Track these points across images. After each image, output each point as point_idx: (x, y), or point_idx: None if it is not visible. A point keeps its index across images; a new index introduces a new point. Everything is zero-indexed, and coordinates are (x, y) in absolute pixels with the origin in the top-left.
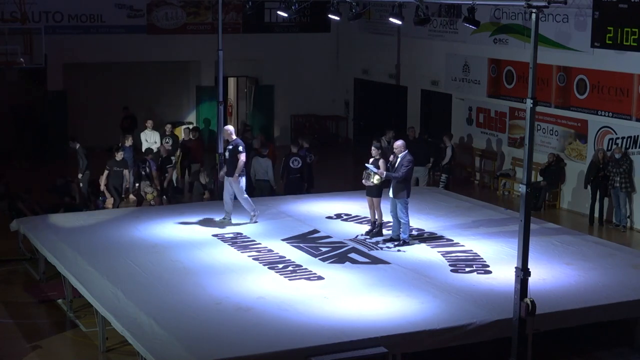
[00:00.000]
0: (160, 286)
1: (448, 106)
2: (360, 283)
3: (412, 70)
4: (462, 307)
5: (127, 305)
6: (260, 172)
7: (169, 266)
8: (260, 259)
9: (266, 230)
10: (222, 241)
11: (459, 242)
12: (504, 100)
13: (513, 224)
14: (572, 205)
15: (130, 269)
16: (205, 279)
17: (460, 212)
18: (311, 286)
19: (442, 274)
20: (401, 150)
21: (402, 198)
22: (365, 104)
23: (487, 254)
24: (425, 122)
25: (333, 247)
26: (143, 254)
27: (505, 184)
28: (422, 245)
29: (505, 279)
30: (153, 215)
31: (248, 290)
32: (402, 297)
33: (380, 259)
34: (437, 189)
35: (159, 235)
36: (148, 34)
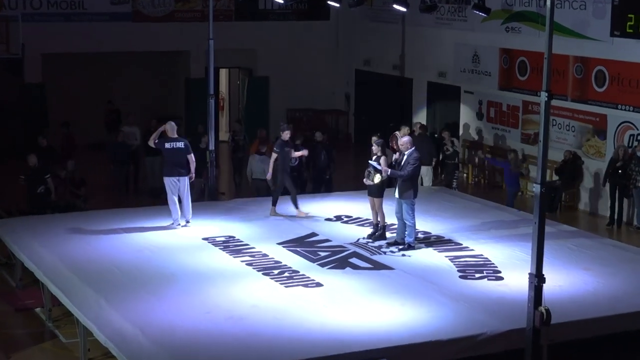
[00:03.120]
0: (147, 294)
1: (456, 99)
2: (361, 290)
3: (417, 61)
4: (472, 316)
5: (110, 314)
6: (258, 171)
7: (156, 272)
8: (254, 264)
9: (260, 233)
10: (212, 245)
11: (468, 246)
12: (517, 93)
13: (526, 226)
14: (590, 207)
15: (114, 275)
16: (194, 285)
17: (469, 213)
18: (309, 294)
19: (450, 280)
20: (407, 147)
21: (409, 198)
22: (367, 97)
23: (499, 258)
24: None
25: (332, 252)
26: (128, 259)
27: None
28: (429, 250)
29: (518, 285)
30: (139, 217)
31: (241, 298)
32: (407, 306)
33: (383, 265)
34: (444, 188)
35: (145, 239)
36: (133, 21)
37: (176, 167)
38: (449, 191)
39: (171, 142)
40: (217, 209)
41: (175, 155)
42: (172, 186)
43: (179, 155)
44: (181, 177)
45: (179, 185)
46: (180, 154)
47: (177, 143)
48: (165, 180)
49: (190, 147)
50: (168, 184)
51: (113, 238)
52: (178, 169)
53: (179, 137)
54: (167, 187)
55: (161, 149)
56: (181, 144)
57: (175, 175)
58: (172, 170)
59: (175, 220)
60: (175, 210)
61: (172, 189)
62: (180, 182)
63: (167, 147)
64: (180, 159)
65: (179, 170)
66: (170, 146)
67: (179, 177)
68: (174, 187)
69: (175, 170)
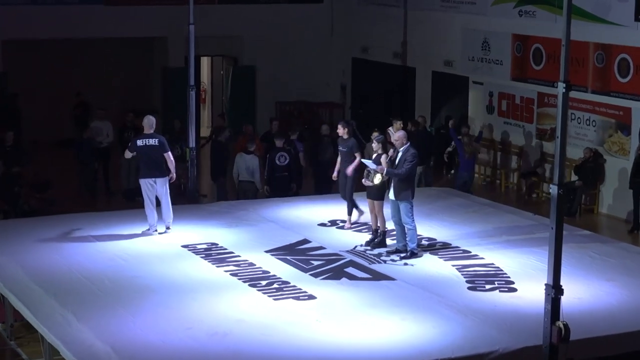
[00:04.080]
0: (120, 308)
1: (464, 91)
2: (358, 303)
3: (421, 48)
4: (482, 331)
5: (79, 330)
6: (245, 171)
7: (130, 283)
8: (239, 274)
9: (247, 239)
10: (193, 253)
11: (477, 254)
12: (531, 84)
13: (542, 231)
14: (612, 210)
15: (83, 287)
16: (173, 298)
17: (479, 217)
18: (300, 307)
19: (458, 292)
20: (402, 142)
21: (406, 199)
22: (366, 88)
23: (512, 268)
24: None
25: (327, 260)
26: (99, 268)
27: (532, 185)
28: (434, 258)
29: (533, 298)
30: (111, 222)
31: (225, 312)
32: (409, 320)
33: (383, 275)
34: (450, 189)
35: (118, 246)
36: (105, 5)
37: (150, 167)
38: (456, 192)
39: (144, 138)
40: (198, 213)
41: (148, 154)
42: (148, 189)
43: (153, 154)
44: (157, 179)
45: (156, 187)
46: (155, 152)
47: (150, 140)
48: (140, 183)
49: (167, 145)
50: (143, 186)
51: (82, 245)
52: (153, 170)
53: (154, 134)
54: (143, 190)
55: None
56: (155, 140)
57: (150, 176)
58: (147, 171)
59: (152, 226)
60: (151, 215)
61: (149, 193)
62: (157, 185)
63: (139, 145)
64: (154, 158)
65: (153, 171)
66: (143, 143)
67: (155, 179)
68: (150, 190)
69: (149, 171)
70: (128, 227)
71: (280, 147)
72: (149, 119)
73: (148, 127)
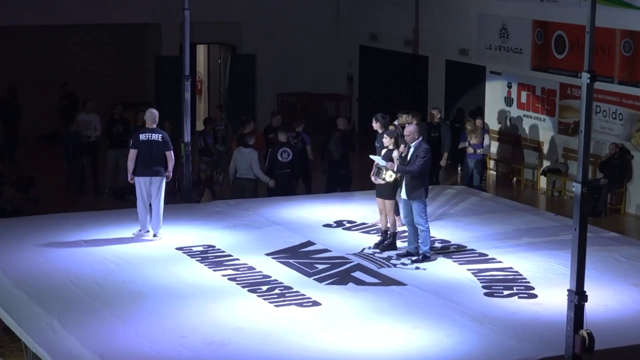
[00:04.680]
0: (109, 315)
1: (481, 82)
2: (367, 310)
3: (434, 35)
4: (499, 341)
5: (65, 339)
6: (243, 167)
7: (120, 288)
8: (238, 279)
9: (246, 241)
10: (188, 256)
11: (494, 257)
12: (553, 74)
13: (565, 233)
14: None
15: (70, 293)
16: (166, 305)
17: (496, 217)
18: (304, 314)
19: (473, 298)
20: (414, 137)
21: (419, 199)
22: (374, 78)
23: (532, 272)
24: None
25: (332, 264)
26: (87, 272)
27: (554, 183)
28: (447, 261)
29: (555, 304)
30: (99, 222)
31: (222, 319)
32: (421, 329)
33: (393, 279)
34: (466, 188)
35: (107, 249)
36: None
37: (149, 164)
38: (472, 191)
39: (147, 133)
40: (193, 212)
41: (149, 150)
42: (143, 188)
43: (154, 151)
44: (154, 178)
45: (151, 187)
46: (157, 149)
47: (154, 135)
48: (135, 181)
49: (171, 142)
50: (138, 185)
51: (69, 248)
52: (152, 168)
53: (157, 129)
54: (137, 188)
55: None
56: (158, 136)
57: (148, 174)
58: (144, 169)
59: (144, 227)
60: (144, 216)
61: (143, 192)
62: (153, 184)
63: (141, 139)
64: (155, 155)
65: (152, 168)
66: (146, 138)
67: (152, 178)
68: (144, 189)
69: (147, 169)
70: (118, 228)
71: (283, 142)
72: (152, 112)
73: (151, 121)
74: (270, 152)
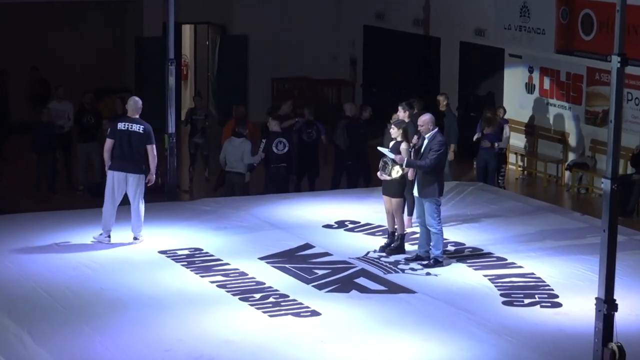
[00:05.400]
0: (86, 326)
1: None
2: (372, 321)
3: (447, 14)
4: (519, 355)
5: (36, 353)
6: (233, 158)
7: (98, 296)
8: (228, 286)
9: (237, 244)
10: (173, 260)
11: (514, 262)
12: (580, 57)
13: (592, 235)
14: None
15: (41, 301)
16: (149, 315)
17: (516, 218)
18: (302, 325)
19: (491, 307)
20: (429, 128)
21: (432, 197)
22: (380, 62)
23: (555, 278)
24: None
25: (333, 270)
26: (60, 279)
27: (581, 178)
28: (462, 266)
29: (581, 314)
30: (74, 223)
31: (211, 330)
32: (433, 342)
33: (401, 287)
34: (483, 185)
35: (83, 252)
36: None
37: (126, 158)
38: (488, 188)
39: (126, 122)
40: (178, 212)
41: (128, 142)
42: (116, 185)
43: (134, 143)
44: (131, 175)
45: (127, 185)
46: (137, 141)
47: (134, 125)
48: (108, 175)
49: (153, 135)
50: (110, 180)
51: (40, 251)
52: (128, 162)
53: (139, 119)
54: (108, 183)
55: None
56: (139, 127)
57: (123, 169)
58: (120, 163)
59: (107, 230)
60: (109, 216)
61: (114, 188)
62: (129, 182)
63: (119, 128)
64: (134, 148)
65: (129, 163)
66: (124, 127)
67: (129, 174)
68: (118, 186)
69: (123, 163)
70: (95, 229)
71: (276, 132)
72: (136, 100)
73: (134, 110)
74: (265, 143)
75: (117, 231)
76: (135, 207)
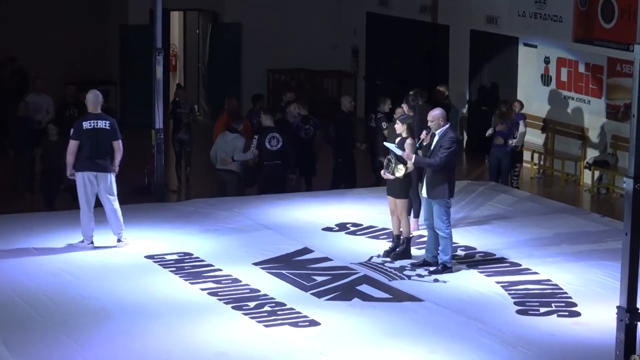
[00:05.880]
0: (66, 336)
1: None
2: (375, 331)
3: (456, 1)
4: None
5: None
6: (225, 155)
7: (79, 305)
8: (220, 293)
9: (229, 249)
10: (160, 266)
11: (529, 268)
12: (600, 47)
13: (613, 239)
14: None
15: (18, 310)
16: (134, 324)
17: (531, 220)
18: (300, 336)
19: (504, 316)
20: (439, 123)
21: (441, 198)
22: (384, 52)
23: (574, 285)
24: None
25: (334, 276)
26: (39, 286)
27: (601, 177)
28: (472, 273)
29: (602, 324)
30: (54, 225)
31: (201, 342)
32: (441, 353)
33: (407, 294)
34: (495, 184)
35: (64, 258)
36: None
37: (94, 157)
38: (501, 188)
39: (91, 119)
40: (166, 213)
41: (95, 140)
42: (88, 186)
43: (101, 141)
44: (101, 174)
45: (98, 185)
46: (104, 138)
47: (100, 121)
48: (76, 177)
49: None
50: (81, 182)
51: (17, 256)
52: (96, 161)
53: (103, 114)
54: (79, 188)
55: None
56: (105, 123)
57: (93, 169)
58: (88, 163)
59: (88, 237)
60: (88, 222)
61: (88, 191)
62: (100, 181)
63: (85, 128)
64: (102, 146)
65: (97, 162)
66: (90, 126)
67: (99, 173)
68: (91, 187)
69: (93, 163)
70: (76, 232)
71: (270, 127)
72: (96, 94)
73: (95, 104)
74: (257, 139)
75: (98, 234)
76: (111, 207)
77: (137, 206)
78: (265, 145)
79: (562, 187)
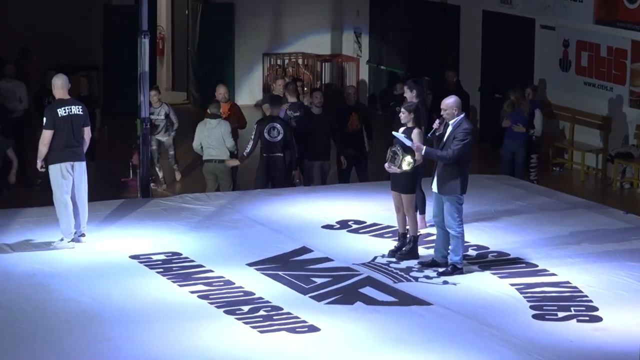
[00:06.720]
0: (45, 343)
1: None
2: (379, 337)
3: None
4: None
5: None
6: (213, 143)
7: (60, 309)
8: (211, 296)
9: (221, 248)
10: (146, 267)
11: (546, 269)
12: (623, 29)
13: (638, 237)
14: None
15: None
16: (119, 330)
17: (548, 217)
18: (298, 342)
19: (519, 321)
20: (453, 113)
21: (453, 194)
22: (389, 35)
23: (595, 288)
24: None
25: (334, 278)
26: (15, 288)
27: (624, 171)
28: (485, 274)
29: (625, 330)
30: (32, 222)
31: (192, 348)
32: None
33: (413, 297)
34: (510, 178)
35: (41, 258)
36: None
37: (70, 146)
38: (515, 182)
39: (65, 106)
40: (152, 210)
41: (69, 128)
42: (68, 178)
43: (76, 128)
44: (78, 163)
45: (73, 175)
46: (78, 124)
47: (74, 107)
48: (51, 170)
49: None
50: (56, 174)
51: None
52: (73, 150)
53: (73, 99)
54: (55, 180)
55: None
56: (79, 108)
57: (71, 159)
58: (64, 153)
59: (68, 234)
60: (66, 218)
61: (65, 183)
62: (76, 171)
63: (61, 116)
64: (76, 133)
65: (76, 150)
66: (65, 113)
67: (75, 163)
68: (67, 180)
69: (71, 152)
70: (55, 229)
71: (270, 116)
72: (64, 78)
73: (65, 88)
74: (256, 129)
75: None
76: (83, 199)
77: (120, 201)
78: (264, 135)
79: (582, 181)
